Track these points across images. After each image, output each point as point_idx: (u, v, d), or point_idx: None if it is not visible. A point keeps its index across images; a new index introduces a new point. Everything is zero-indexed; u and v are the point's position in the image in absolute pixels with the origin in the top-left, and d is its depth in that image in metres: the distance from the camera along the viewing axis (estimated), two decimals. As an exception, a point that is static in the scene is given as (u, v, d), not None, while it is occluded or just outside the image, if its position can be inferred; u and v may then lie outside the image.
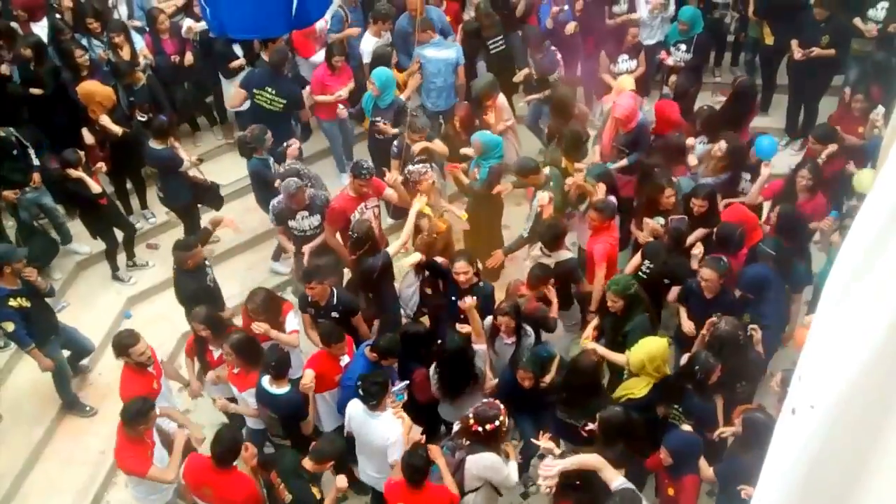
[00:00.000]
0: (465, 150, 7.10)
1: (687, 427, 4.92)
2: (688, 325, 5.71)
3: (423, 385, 5.37)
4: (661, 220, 6.30)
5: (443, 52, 7.87)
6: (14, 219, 7.31)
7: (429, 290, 6.21)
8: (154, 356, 5.53)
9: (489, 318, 5.61)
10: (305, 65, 8.36)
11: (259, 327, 5.51)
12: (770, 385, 5.35)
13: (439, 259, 6.14)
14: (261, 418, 5.51)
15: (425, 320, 6.14)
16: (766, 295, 5.59)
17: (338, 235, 6.55)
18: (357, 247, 5.98)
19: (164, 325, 7.16)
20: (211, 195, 7.52)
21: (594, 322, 5.85)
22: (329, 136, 8.31)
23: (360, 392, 4.83)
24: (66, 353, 6.54)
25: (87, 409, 6.62)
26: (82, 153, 7.04)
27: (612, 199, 6.33)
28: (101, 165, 7.31)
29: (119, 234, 7.53)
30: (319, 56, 8.02)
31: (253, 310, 5.56)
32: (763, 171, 6.46)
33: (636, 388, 5.12)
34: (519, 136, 7.95)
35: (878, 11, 7.81)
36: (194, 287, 6.12)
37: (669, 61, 8.19)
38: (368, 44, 8.04)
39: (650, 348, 5.08)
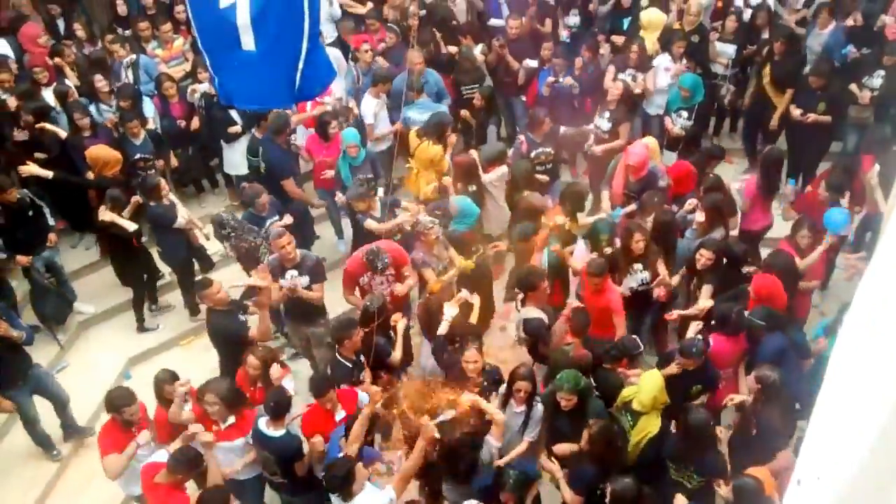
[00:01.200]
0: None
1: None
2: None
3: None
4: (640, 266, 6.41)
5: (426, 115, 7.97)
6: (27, 279, 7.30)
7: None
8: (144, 415, 5.47)
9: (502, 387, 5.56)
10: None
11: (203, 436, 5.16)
12: None
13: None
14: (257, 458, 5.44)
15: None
16: (788, 365, 5.51)
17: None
18: (366, 322, 5.81)
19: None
20: (200, 255, 7.60)
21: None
22: (326, 203, 8.30)
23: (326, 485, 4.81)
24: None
25: (55, 452, 6.60)
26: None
27: (595, 258, 6.37)
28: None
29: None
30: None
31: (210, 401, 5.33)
32: (826, 240, 6.36)
33: (650, 426, 5.15)
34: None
35: (875, 79, 7.96)
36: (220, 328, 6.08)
37: (675, 130, 8.21)
38: (369, 105, 8.20)
39: (653, 385, 5.14)
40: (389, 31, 8.80)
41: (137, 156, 7.60)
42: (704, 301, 6.21)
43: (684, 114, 8.19)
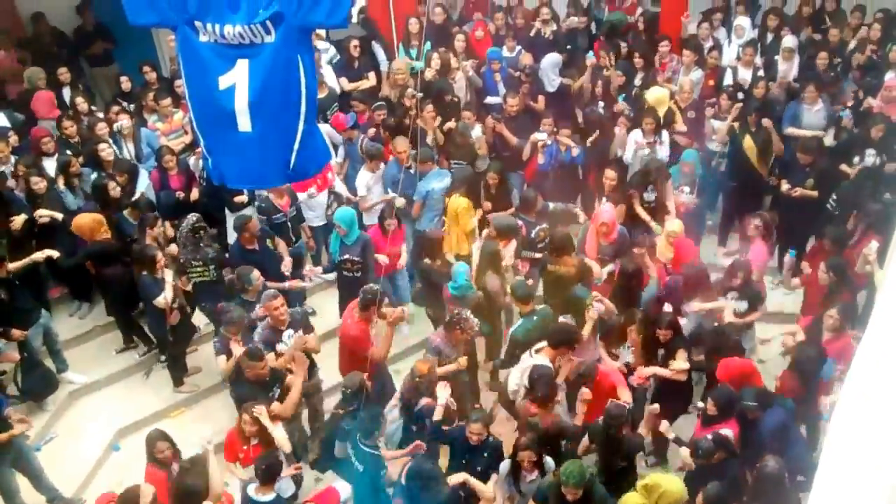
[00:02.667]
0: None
1: None
2: None
3: None
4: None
5: (445, 181, 8.25)
6: (22, 351, 7.23)
7: (414, 428, 6.08)
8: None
9: (506, 462, 5.56)
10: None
11: None
12: None
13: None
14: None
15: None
16: (791, 438, 5.50)
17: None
18: (349, 402, 5.87)
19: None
20: (181, 332, 7.56)
21: None
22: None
23: None
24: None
25: None
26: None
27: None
28: None
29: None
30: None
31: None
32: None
33: None
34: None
35: (867, 158, 8.09)
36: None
37: (684, 198, 8.25)
38: (363, 178, 8.34)
39: (676, 491, 5.03)
40: (379, 108, 8.97)
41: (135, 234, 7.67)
42: (680, 363, 6.30)
43: (686, 189, 8.25)
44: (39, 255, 7.22)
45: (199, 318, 7.94)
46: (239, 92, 3.75)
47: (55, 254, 7.28)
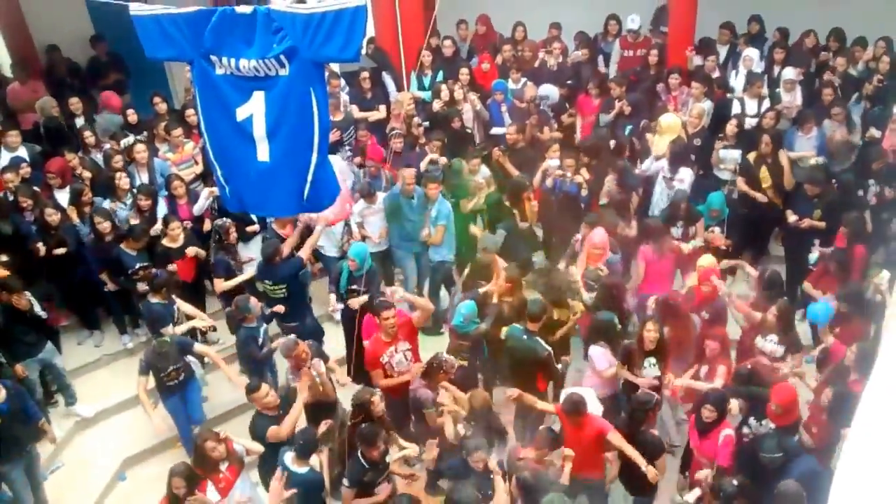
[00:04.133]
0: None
1: None
2: None
3: None
4: (652, 360, 6.54)
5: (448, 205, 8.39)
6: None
7: None
8: None
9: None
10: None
11: None
12: None
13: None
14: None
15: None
16: (821, 487, 5.35)
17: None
18: (354, 415, 5.97)
19: (160, 487, 6.94)
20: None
21: None
22: None
23: None
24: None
25: None
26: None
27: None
28: None
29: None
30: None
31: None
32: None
33: None
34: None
35: (869, 189, 8.13)
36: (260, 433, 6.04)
37: (722, 242, 8.10)
38: (359, 206, 8.43)
39: None
40: (397, 136, 9.05)
41: (137, 265, 7.69)
42: (720, 380, 6.32)
43: (717, 229, 8.11)
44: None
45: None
46: (256, 122, 3.83)
47: None
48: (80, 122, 9.58)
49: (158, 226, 8.06)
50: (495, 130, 9.82)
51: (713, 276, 6.98)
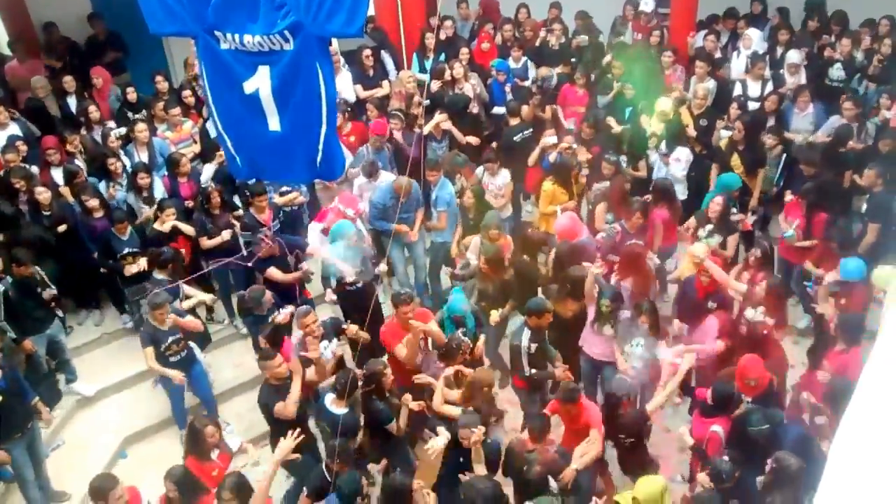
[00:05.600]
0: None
1: None
2: None
3: None
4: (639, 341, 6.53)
5: (448, 187, 8.32)
6: (27, 361, 7.20)
7: None
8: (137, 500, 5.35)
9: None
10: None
11: None
12: None
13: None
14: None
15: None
16: (813, 453, 5.36)
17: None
18: (365, 384, 6.00)
19: (161, 465, 6.96)
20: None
21: None
22: None
23: None
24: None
25: None
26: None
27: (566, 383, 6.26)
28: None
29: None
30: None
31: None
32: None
33: None
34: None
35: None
36: (264, 402, 6.07)
37: (750, 223, 8.22)
38: (359, 182, 8.43)
39: (653, 490, 5.06)
40: (394, 117, 9.04)
41: (126, 251, 7.66)
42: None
43: (734, 209, 8.08)
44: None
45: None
46: (264, 96, 3.84)
47: None
48: (72, 101, 9.56)
49: (149, 212, 8.06)
50: (497, 110, 9.80)
51: (709, 263, 6.93)
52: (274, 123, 3.91)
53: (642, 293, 6.88)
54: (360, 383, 5.96)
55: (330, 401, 5.92)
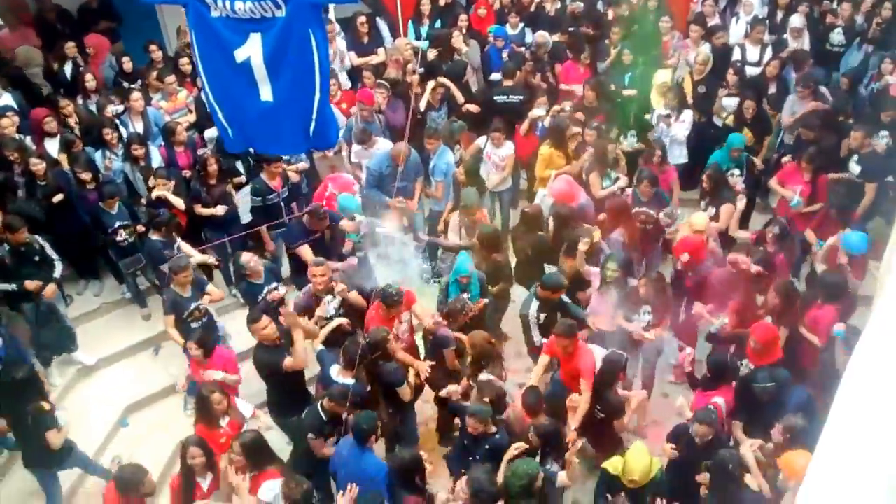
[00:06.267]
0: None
1: None
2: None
3: None
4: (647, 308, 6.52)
5: (448, 156, 8.27)
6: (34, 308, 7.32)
7: None
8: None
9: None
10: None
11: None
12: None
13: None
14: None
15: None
16: (817, 419, 5.33)
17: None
18: (370, 352, 5.99)
19: (162, 434, 7.10)
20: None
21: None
22: None
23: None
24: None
25: None
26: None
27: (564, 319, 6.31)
28: None
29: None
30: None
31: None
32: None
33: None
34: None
35: (881, 139, 8.03)
36: (264, 363, 6.13)
37: (740, 187, 8.04)
38: (355, 148, 8.42)
39: (640, 458, 5.08)
40: (380, 87, 8.95)
41: (116, 224, 7.64)
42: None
43: (736, 171, 8.06)
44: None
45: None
46: (255, 64, 3.80)
47: None
48: (69, 68, 9.48)
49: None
50: (495, 76, 9.71)
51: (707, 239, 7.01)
52: (266, 93, 3.87)
53: (633, 242, 7.04)
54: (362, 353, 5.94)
55: (336, 372, 5.88)
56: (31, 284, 7.07)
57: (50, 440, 5.94)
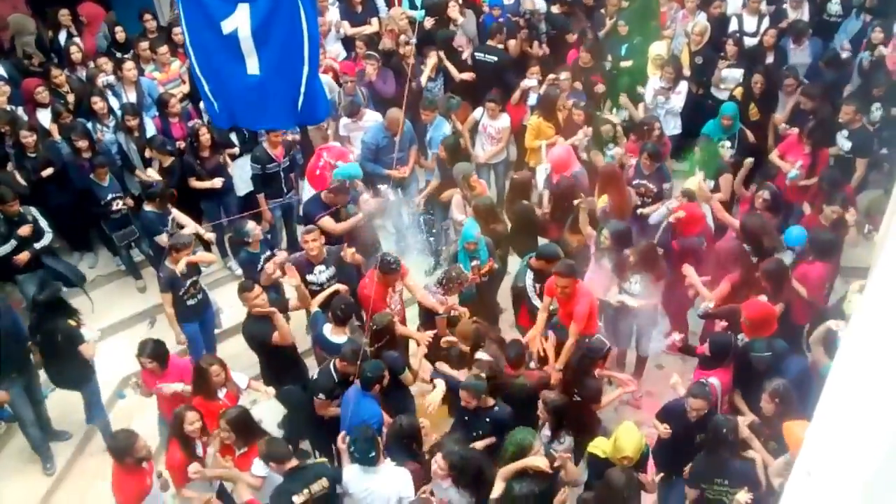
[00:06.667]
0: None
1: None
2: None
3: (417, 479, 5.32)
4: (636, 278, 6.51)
5: (445, 127, 8.25)
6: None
7: None
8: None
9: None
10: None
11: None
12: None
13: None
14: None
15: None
16: (813, 390, 5.33)
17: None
18: (377, 339, 5.97)
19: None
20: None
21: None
22: None
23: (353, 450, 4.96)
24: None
25: (48, 466, 6.66)
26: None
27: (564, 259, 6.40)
28: None
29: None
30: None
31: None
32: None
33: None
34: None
35: (874, 113, 8.04)
36: (253, 333, 6.18)
37: (728, 156, 8.03)
38: (343, 122, 8.40)
39: (631, 437, 5.02)
40: (370, 58, 8.85)
41: (109, 196, 7.64)
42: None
43: (727, 143, 8.04)
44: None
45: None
46: (242, 36, 3.75)
47: None
48: (62, 37, 9.39)
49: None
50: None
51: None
52: (252, 66, 3.82)
53: (620, 210, 7.03)
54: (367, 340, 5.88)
55: (329, 330, 5.93)
56: (24, 257, 7.08)
57: (85, 353, 6.24)
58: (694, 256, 6.87)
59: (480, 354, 5.96)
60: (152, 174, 7.80)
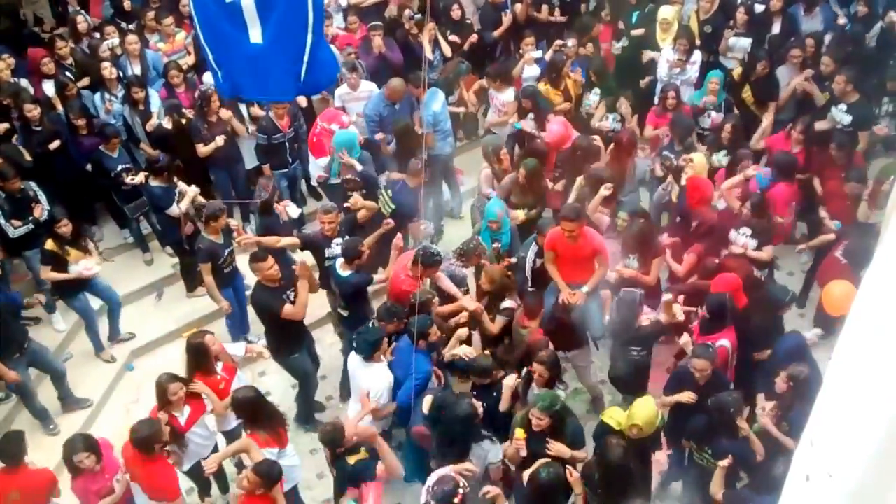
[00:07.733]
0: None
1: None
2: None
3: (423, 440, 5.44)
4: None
5: (441, 97, 8.10)
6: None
7: None
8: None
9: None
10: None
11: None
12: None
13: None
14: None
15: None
16: (809, 361, 5.42)
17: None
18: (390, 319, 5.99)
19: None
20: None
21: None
22: None
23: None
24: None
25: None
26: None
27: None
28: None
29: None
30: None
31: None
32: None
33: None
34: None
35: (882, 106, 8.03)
36: (263, 304, 6.20)
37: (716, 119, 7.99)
38: (342, 90, 8.32)
39: (647, 411, 5.05)
40: (375, 28, 8.68)
41: (119, 168, 7.59)
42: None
43: (713, 113, 7.99)
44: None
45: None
46: (246, 4, 3.69)
47: None
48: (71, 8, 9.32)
49: (155, 120, 7.95)
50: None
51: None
52: (255, 35, 3.77)
53: (618, 179, 7.02)
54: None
55: (339, 265, 6.21)
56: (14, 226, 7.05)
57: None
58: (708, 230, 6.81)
59: (508, 303, 6.19)
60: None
